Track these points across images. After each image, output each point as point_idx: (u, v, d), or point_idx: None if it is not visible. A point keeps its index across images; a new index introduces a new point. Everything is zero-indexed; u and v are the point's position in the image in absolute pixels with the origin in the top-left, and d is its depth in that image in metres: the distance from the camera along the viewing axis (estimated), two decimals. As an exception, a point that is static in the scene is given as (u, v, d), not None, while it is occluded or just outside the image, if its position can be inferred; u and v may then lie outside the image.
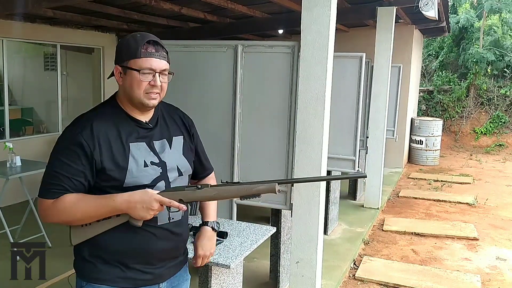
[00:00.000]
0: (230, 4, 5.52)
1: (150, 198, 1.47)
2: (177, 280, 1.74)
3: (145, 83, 1.52)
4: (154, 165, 1.57)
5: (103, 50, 7.49)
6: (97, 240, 1.55)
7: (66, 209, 1.48)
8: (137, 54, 1.49)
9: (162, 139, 1.64)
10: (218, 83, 3.43)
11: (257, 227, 2.81)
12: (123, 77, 1.54)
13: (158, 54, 1.53)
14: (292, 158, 3.22)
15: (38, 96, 7.33)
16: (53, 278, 3.74)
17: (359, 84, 4.84)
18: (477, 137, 12.04)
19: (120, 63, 1.53)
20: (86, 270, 1.58)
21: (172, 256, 1.67)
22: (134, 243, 1.56)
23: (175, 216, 1.63)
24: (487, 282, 4.20)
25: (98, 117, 1.55)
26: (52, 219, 1.51)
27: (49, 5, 4.63)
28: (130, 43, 1.51)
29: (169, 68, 1.58)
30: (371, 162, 6.22)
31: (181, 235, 1.68)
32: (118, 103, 1.60)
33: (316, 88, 2.99)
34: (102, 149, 1.50)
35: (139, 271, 1.58)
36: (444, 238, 5.34)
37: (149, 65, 1.51)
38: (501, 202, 6.98)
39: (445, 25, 8.89)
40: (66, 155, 1.48)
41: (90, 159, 1.49)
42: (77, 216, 1.49)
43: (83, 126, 1.51)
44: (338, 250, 4.72)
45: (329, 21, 2.92)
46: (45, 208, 1.50)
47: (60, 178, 1.47)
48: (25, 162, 4.65)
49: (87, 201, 1.49)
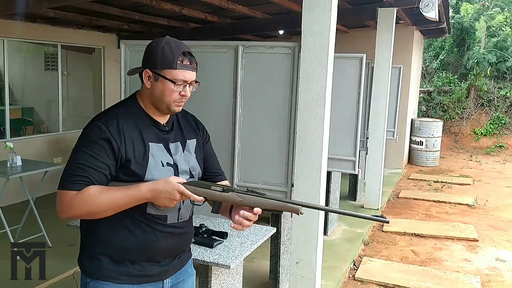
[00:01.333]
0: (231, 5, 5.52)
1: (173, 188, 1.50)
2: (182, 276, 1.77)
3: (176, 93, 1.57)
4: (169, 166, 1.61)
5: (103, 50, 7.50)
6: (104, 238, 1.57)
7: (91, 200, 1.47)
8: (173, 65, 1.54)
9: (177, 141, 1.68)
10: (218, 84, 3.44)
11: (257, 228, 2.81)
12: (152, 81, 1.58)
13: (191, 66, 1.59)
14: (292, 159, 3.22)
15: (39, 96, 7.33)
16: (53, 278, 3.75)
17: (359, 85, 4.84)
18: (477, 138, 12.04)
19: (153, 69, 1.56)
20: (92, 267, 1.59)
21: (177, 253, 1.70)
22: (141, 241, 1.58)
23: (184, 216, 1.68)
24: (486, 283, 4.21)
25: (122, 114, 1.58)
26: (75, 212, 1.49)
27: (50, 5, 4.64)
28: (166, 52, 1.54)
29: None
30: (371, 163, 6.22)
31: (187, 234, 1.73)
32: (139, 103, 1.64)
33: (317, 88, 2.99)
34: (127, 145, 1.53)
35: (144, 268, 1.61)
36: (444, 239, 5.34)
37: (183, 77, 1.56)
38: (501, 203, 6.98)
39: (446, 26, 8.90)
40: (93, 148, 1.50)
41: (117, 155, 1.51)
42: (103, 206, 1.48)
43: (110, 121, 1.54)
44: (338, 250, 4.72)
45: (330, 22, 2.93)
46: (68, 200, 1.47)
47: (86, 170, 1.48)
48: (26, 161, 4.65)
49: (113, 192, 1.49)
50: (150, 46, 1.60)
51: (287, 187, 3.30)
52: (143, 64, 1.60)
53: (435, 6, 5.39)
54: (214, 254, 2.41)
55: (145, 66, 1.59)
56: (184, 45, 1.59)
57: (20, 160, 4.53)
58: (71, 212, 1.49)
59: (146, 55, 1.60)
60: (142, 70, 1.59)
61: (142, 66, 1.60)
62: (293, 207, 1.52)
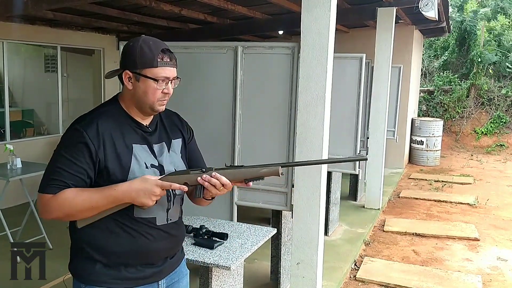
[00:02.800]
0: (230, 5, 5.52)
1: (151, 184, 1.50)
2: (176, 276, 1.77)
3: (159, 91, 1.56)
4: (154, 167, 1.61)
5: (103, 51, 7.50)
6: (96, 243, 1.56)
7: (66, 202, 1.48)
8: (153, 63, 1.53)
9: (161, 142, 1.67)
10: (218, 85, 3.44)
11: (258, 229, 2.81)
12: (133, 82, 1.56)
13: (172, 63, 1.57)
14: (292, 159, 3.22)
15: (39, 98, 7.33)
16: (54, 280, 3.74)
17: (359, 84, 4.84)
18: (478, 137, 12.03)
19: (133, 69, 1.55)
20: (85, 272, 1.58)
21: (170, 254, 1.70)
22: (133, 245, 1.57)
23: (173, 216, 1.67)
24: (488, 283, 4.20)
25: (102, 116, 1.57)
26: (52, 214, 1.51)
27: (49, 7, 4.64)
28: (145, 51, 1.53)
29: None
30: (371, 163, 6.21)
31: (178, 236, 1.73)
32: (121, 105, 1.62)
33: (316, 89, 2.99)
34: (107, 148, 1.52)
35: (138, 271, 1.60)
36: (445, 238, 5.34)
37: (165, 74, 1.55)
38: (502, 202, 6.97)
39: (445, 25, 8.89)
40: (71, 152, 1.50)
41: (95, 158, 1.50)
42: (78, 207, 1.49)
43: (89, 125, 1.53)
44: (339, 251, 4.71)
45: (329, 22, 2.92)
46: (45, 203, 1.49)
47: (63, 174, 1.48)
48: (26, 164, 4.65)
49: (88, 193, 1.50)
50: (127, 46, 1.58)
51: (288, 188, 3.30)
52: (122, 66, 1.58)
53: (435, 6, 5.39)
54: (214, 255, 2.41)
55: (124, 68, 1.57)
56: (162, 42, 1.58)
57: (20, 162, 4.53)
58: (49, 214, 1.51)
59: (124, 56, 1.58)
60: (122, 72, 1.57)
61: (121, 68, 1.58)
62: (271, 169, 1.58)
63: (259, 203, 3.43)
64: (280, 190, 3.33)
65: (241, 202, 3.48)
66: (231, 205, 3.47)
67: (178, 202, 1.71)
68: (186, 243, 2.51)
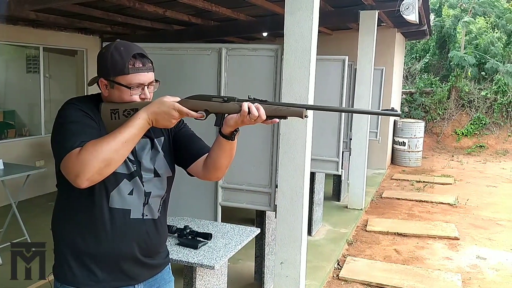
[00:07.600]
0: (215, 7, 5.54)
1: (169, 107, 1.46)
2: (157, 283, 1.71)
3: (136, 97, 1.53)
4: (130, 161, 1.57)
5: (86, 52, 7.45)
6: (70, 241, 1.55)
7: (97, 146, 1.37)
8: (124, 70, 1.49)
9: (144, 138, 1.60)
10: (202, 86, 3.44)
11: (242, 229, 2.83)
12: (109, 89, 1.54)
13: (145, 67, 1.53)
14: (276, 160, 3.25)
15: (21, 99, 7.24)
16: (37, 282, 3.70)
17: (342, 86, 4.90)
18: (458, 138, 12.24)
19: (106, 77, 1.53)
20: (61, 272, 1.58)
21: (145, 254, 1.63)
22: (108, 244, 1.54)
23: (150, 213, 1.62)
24: (467, 281, 4.29)
25: (88, 105, 1.55)
26: (89, 167, 1.35)
27: (32, 7, 4.60)
28: (115, 58, 1.50)
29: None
30: (354, 164, 6.28)
31: (156, 235, 1.65)
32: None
33: (299, 90, 3.02)
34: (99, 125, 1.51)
35: (112, 273, 1.57)
36: (426, 238, 5.43)
37: (138, 80, 1.52)
38: (481, 202, 7.12)
39: (427, 28, 9.03)
40: (75, 117, 1.46)
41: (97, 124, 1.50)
42: (112, 146, 1.38)
43: (80, 103, 1.52)
44: (322, 250, 4.76)
45: (312, 25, 2.96)
46: (75, 159, 1.36)
47: (80, 132, 1.42)
48: (8, 165, 4.59)
49: (113, 132, 1.42)
50: (100, 54, 1.55)
51: (271, 188, 3.33)
52: (98, 73, 1.56)
53: (415, 9, 5.48)
54: (198, 255, 2.42)
55: (99, 75, 1.54)
56: (136, 46, 1.54)
57: (2, 163, 4.48)
58: (88, 169, 1.35)
59: (98, 64, 1.55)
60: (98, 80, 1.56)
61: (98, 75, 1.56)
62: (296, 110, 1.47)
63: (243, 204, 3.45)
64: (263, 191, 3.36)
65: (225, 202, 3.49)
66: (215, 206, 3.49)
67: (157, 202, 1.65)
68: (170, 243, 2.52)
